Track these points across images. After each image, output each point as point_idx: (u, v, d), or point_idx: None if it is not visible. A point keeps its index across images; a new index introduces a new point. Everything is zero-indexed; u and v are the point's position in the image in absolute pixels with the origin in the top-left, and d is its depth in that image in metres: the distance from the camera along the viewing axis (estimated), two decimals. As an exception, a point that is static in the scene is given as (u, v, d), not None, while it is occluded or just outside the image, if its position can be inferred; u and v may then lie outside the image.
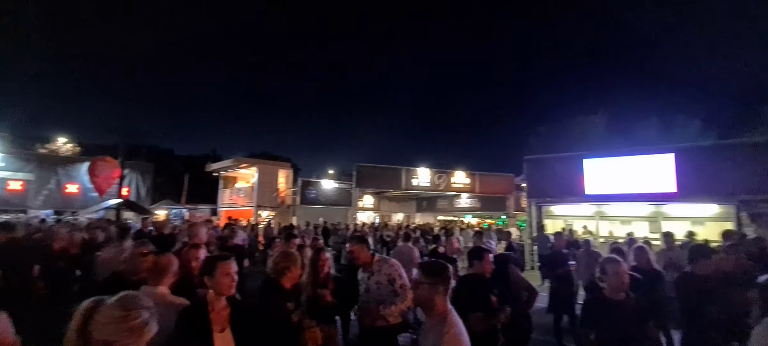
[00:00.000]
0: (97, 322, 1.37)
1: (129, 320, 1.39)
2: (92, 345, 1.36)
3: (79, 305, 1.45)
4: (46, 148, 22.51)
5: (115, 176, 15.33)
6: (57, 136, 23.27)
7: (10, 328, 2.35)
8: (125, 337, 1.37)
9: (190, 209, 20.45)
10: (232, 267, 2.40)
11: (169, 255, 2.94)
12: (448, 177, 20.45)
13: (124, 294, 1.48)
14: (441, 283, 2.14)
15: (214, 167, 21.03)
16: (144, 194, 19.86)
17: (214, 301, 2.31)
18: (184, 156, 31.95)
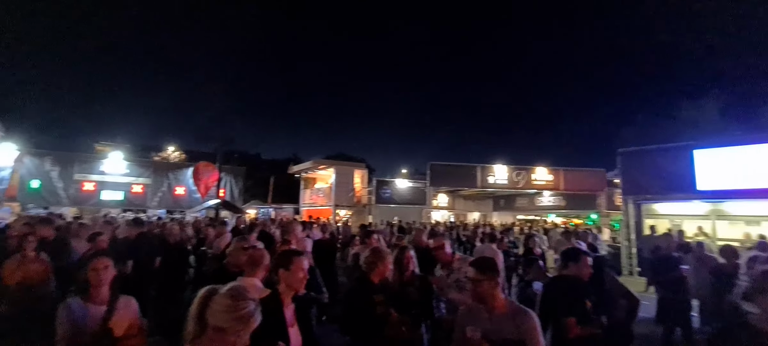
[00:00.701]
0: (212, 309, 1.47)
1: (238, 309, 1.46)
2: (208, 330, 1.46)
3: (196, 293, 1.56)
4: (159, 156, 26.12)
5: (214, 179, 17.18)
6: (167, 146, 27.12)
7: (138, 312, 2.73)
8: (235, 325, 1.45)
9: (275, 208, 22.13)
10: (306, 263, 2.43)
11: (262, 250, 3.15)
12: (527, 174, 19.28)
13: (234, 285, 1.56)
14: (498, 277, 2.32)
15: (296, 169, 22.49)
16: (237, 195, 21.94)
17: (284, 295, 2.32)
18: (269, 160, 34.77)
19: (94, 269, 2.42)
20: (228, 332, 1.44)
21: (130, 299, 2.58)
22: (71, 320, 2.27)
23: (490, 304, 2.28)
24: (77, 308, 2.32)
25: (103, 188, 18.63)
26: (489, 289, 2.27)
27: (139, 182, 19.47)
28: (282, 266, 2.37)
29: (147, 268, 5.97)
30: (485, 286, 2.27)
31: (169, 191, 20.07)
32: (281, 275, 2.36)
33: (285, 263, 2.36)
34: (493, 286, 2.28)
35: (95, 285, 2.42)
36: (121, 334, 2.36)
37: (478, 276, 2.29)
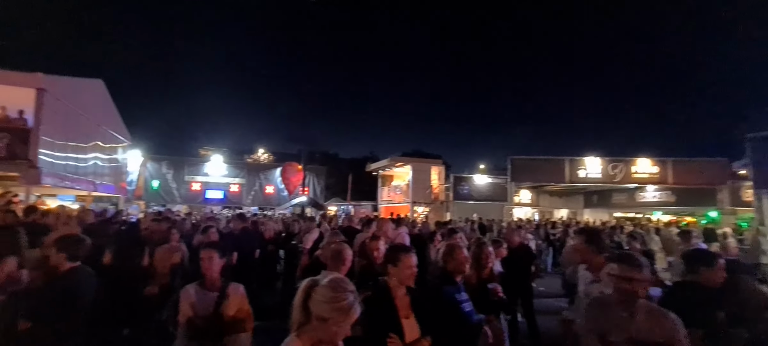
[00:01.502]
0: (314, 300, 1.53)
1: (338, 301, 1.51)
2: (312, 319, 1.52)
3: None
4: (252, 158, 28.74)
5: (299, 178, 18.38)
6: (258, 148, 29.86)
7: (246, 298, 2.98)
8: (336, 315, 1.50)
9: (354, 205, 22.90)
10: (414, 259, 2.48)
11: (343, 245, 3.29)
12: (626, 166, 17.26)
13: (334, 277, 1.61)
14: (647, 274, 2.17)
15: (373, 167, 23.05)
16: (319, 193, 23.20)
17: (396, 288, 2.40)
18: (348, 159, 36.23)
19: (203, 259, 2.73)
20: (329, 322, 1.49)
21: (238, 286, 2.83)
22: (189, 302, 2.61)
23: (633, 305, 2.09)
24: (194, 292, 2.66)
25: (207, 188, 21.13)
26: (636, 287, 2.09)
27: (236, 182, 21.68)
28: (390, 261, 2.47)
29: (248, 259, 6.51)
30: (633, 285, 2.08)
31: (260, 189, 21.98)
32: (390, 270, 2.45)
33: (393, 259, 2.45)
34: (642, 285, 2.10)
35: (206, 273, 2.71)
36: (230, 317, 2.63)
37: (627, 273, 2.10)
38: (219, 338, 2.55)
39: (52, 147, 10.04)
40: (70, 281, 3.02)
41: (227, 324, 2.58)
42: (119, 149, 15.40)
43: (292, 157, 24.71)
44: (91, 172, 12.64)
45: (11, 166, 9.11)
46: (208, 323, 2.53)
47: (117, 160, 15.26)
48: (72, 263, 3.09)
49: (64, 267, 3.07)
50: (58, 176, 10.34)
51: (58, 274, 3.06)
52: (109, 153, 14.23)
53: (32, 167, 9.17)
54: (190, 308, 2.58)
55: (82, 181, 11.96)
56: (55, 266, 3.07)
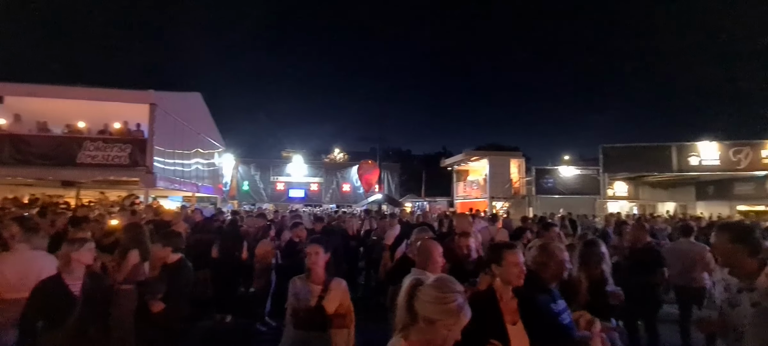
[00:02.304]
0: (420, 300, 1.47)
1: (446, 301, 1.44)
2: (419, 320, 1.47)
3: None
4: (328, 158, 29.98)
5: (375, 176, 18.65)
6: (334, 148, 31.14)
7: (348, 293, 2.93)
8: (444, 317, 1.44)
9: (429, 201, 22.65)
10: (520, 256, 2.21)
11: (431, 242, 3.13)
12: (753, 150, 14.54)
13: (440, 277, 1.56)
14: None
15: (447, 162, 22.55)
16: (393, 190, 23.36)
17: (501, 290, 2.16)
18: (420, 155, 36.07)
19: (309, 253, 2.81)
20: (438, 325, 1.44)
21: (341, 281, 2.91)
22: (295, 293, 2.75)
23: None
24: (300, 285, 2.79)
25: (290, 187, 22.53)
26: None
27: (315, 181, 22.82)
28: (493, 260, 2.24)
29: (332, 255, 6.62)
30: None
31: (337, 187, 22.82)
32: (494, 270, 2.23)
33: (496, 258, 2.23)
34: None
35: (312, 267, 2.80)
36: (332, 311, 2.70)
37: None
38: (322, 329, 2.64)
39: (163, 154, 11.37)
40: (178, 271, 3.42)
41: (330, 317, 2.67)
42: (215, 154, 17.05)
43: (366, 156, 25.25)
44: (194, 175, 14.15)
45: (133, 172, 10.51)
46: (312, 315, 2.62)
47: (214, 164, 16.92)
48: (176, 255, 3.50)
49: (171, 259, 3.46)
50: (168, 179, 11.71)
51: (167, 264, 3.47)
52: (207, 158, 15.82)
53: (149, 173, 10.47)
54: (295, 299, 2.72)
55: (187, 183, 13.43)
56: (162, 258, 3.48)
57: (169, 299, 3.23)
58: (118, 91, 10.88)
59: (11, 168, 9.90)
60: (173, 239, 3.55)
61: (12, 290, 3.22)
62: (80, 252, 3.01)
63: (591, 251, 3.20)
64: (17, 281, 3.20)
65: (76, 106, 11.02)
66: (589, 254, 3.18)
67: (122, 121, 11.38)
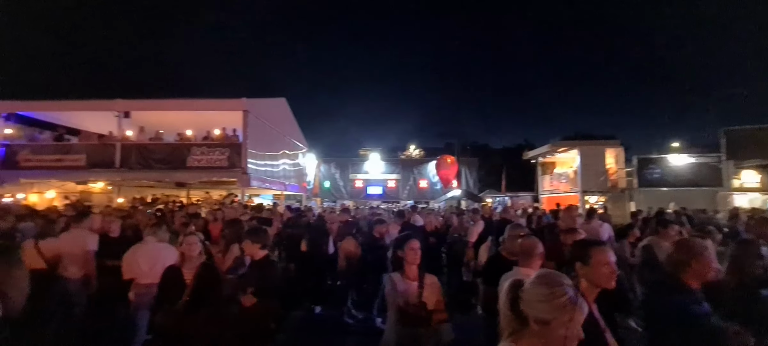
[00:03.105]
0: (527, 301, 1.36)
1: (556, 297, 1.33)
2: (530, 323, 1.36)
3: (504, 285, 1.47)
4: (405, 154, 30.13)
5: (453, 171, 18.23)
6: (409, 145, 31.19)
7: (441, 290, 2.81)
8: (558, 315, 1.32)
9: (511, 196, 21.47)
10: (610, 255, 1.99)
11: (534, 239, 2.96)
12: None
13: (545, 272, 1.44)
14: None
15: (531, 155, 21.12)
16: (472, 185, 22.64)
17: (588, 292, 1.95)
18: (499, 149, 34.47)
19: (411, 249, 2.78)
20: (553, 325, 1.31)
21: (433, 276, 2.88)
22: (396, 290, 2.72)
23: None
24: (398, 281, 2.76)
25: (368, 184, 23.10)
26: None
27: (392, 178, 23.10)
28: (579, 258, 2.03)
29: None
30: None
31: (414, 184, 22.81)
32: (579, 269, 2.02)
33: (582, 256, 2.02)
34: None
35: (409, 263, 2.77)
36: (431, 307, 2.69)
37: None
38: (427, 325, 2.63)
39: (255, 156, 12.38)
40: (265, 267, 3.50)
41: (431, 312, 2.67)
42: (299, 155, 18.15)
43: (442, 151, 24.83)
44: (281, 175, 15.21)
45: (230, 173, 11.62)
46: (417, 311, 2.62)
47: (299, 164, 18.03)
48: (263, 251, 3.55)
49: (258, 256, 3.52)
50: (260, 179, 12.74)
51: (255, 261, 3.52)
52: (292, 159, 16.91)
53: (244, 173, 11.50)
54: (398, 296, 2.70)
55: (276, 182, 14.49)
56: (251, 254, 3.51)
57: (259, 295, 3.38)
58: (217, 101, 12.12)
59: (137, 172, 11.62)
60: (261, 236, 3.60)
61: (144, 276, 3.74)
62: (189, 245, 3.35)
63: (747, 251, 2.70)
64: (148, 269, 3.68)
65: (185, 117, 12.53)
66: (745, 254, 2.69)
67: (221, 128, 12.66)
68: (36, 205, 10.74)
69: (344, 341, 5.44)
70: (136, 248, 4.04)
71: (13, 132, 12.36)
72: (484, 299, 3.55)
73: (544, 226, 6.71)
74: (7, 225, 5.59)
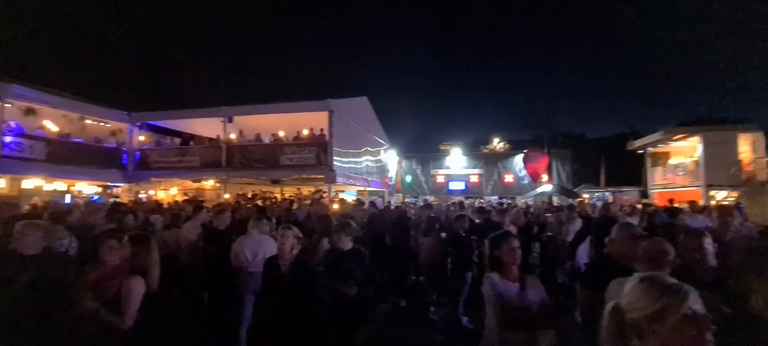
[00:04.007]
0: (634, 319, 1.16)
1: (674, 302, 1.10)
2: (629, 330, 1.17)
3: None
4: (487, 148, 28.85)
5: (543, 165, 16.94)
6: (493, 138, 29.70)
7: (545, 293, 2.60)
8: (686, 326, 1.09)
9: (613, 191, 19.23)
10: None
11: (661, 242, 2.61)
12: None
13: (647, 275, 1.24)
14: None
15: (638, 145, 18.61)
16: (565, 179, 20.81)
17: None
18: (595, 139, 31.04)
19: (510, 249, 2.59)
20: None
21: (535, 278, 2.69)
22: (494, 290, 2.53)
23: None
24: (497, 282, 2.57)
25: (450, 180, 22.66)
26: None
27: (475, 173, 22.35)
28: (753, 270, 1.71)
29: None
30: None
31: (499, 179, 21.77)
32: (754, 283, 1.69)
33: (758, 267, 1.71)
34: None
35: (508, 263, 2.59)
36: (535, 311, 2.49)
37: None
38: (532, 330, 2.44)
39: (340, 154, 12.92)
40: (355, 257, 3.66)
41: (536, 316, 2.47)
42: (381, 151, 18.51)
43: (529, 144, 23.20)
44: (364, 171, 15.67)
45: (318, 170, 12.30)
46: (521, 314, 2.44)
47: (380, 160, 18.41)
48: (351, 243, 3.74)
49: (347, 247, 3.72)
50: (345, 175, 13.27)
51: (345, 252, 3.71)
52: (374, 155, 17.31)
53: (330, 171, 12.08)
54: (500, 298, 2.52)
55: (360, 179, 14.98)
56: (341, 245, 3.72)
57: (354, 284, 3.49)
58: (305, 103, 12.89)
59: (239, 171, 12.96)
60: (350, 229, 3.81)
61: (249, 265, 4.12)
62: (284, 238, 3.54)
63: None
64: (253, 258, 4.04)
65: (278, 119, 13.59)
66: None
67: (309, 128, 13.46)
68: (162, 200, 12.63)
69: (429, 337, 5.36)
70: (241, 240, 4.49)
71: (145, 138, 14.69)
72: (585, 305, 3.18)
73: (657, 225, 5.82)
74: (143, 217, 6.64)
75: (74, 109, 13.19)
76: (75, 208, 7.99)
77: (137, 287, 2.51)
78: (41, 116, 12.49)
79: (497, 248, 2.64)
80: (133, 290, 2.48)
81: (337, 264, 3.60)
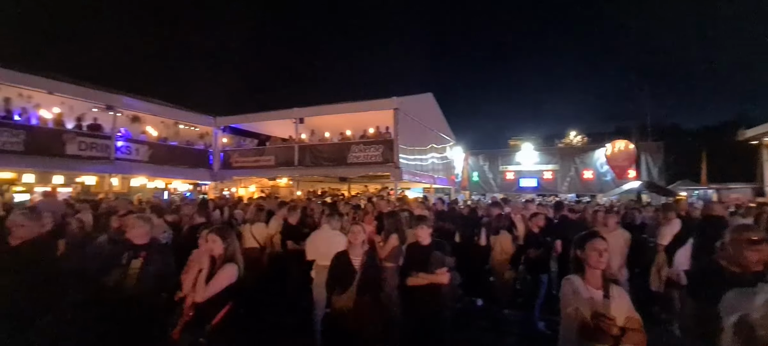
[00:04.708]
0: None
1: None
2: None
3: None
4: (562, 142, 26.86)
5: (630, 158, 15.33)
6: (569, 131, 27.55)
7: (631, 305, 2.37)
8: None
9: (717, 188, 16.75)
10: None
11: None
12: None
13: None
14: None
15: (750, 135, 15.93)
16: (656, 175, 18.59)
17: None
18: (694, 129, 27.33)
19: (594, 250, 2.26)
20: None
21: (622, 290, 2.31)
22: (575, 295, 2.23)
23: None
24: (580, 286, 2.27)
25: (521, 176, 21.52)
26: None
27: (549, 169, 20.94)
28: None
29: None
30: None
31: (576, 175, 20.15)
32: None
33: None
34: None
35: (592, 266, 2.25)
36: (622, 324, 2.11)
37: None
38: (616, 344, 2.06)
39: (405, 152, 12.93)
40: (438, 248, 3.76)
41: (624, 330, 2.07)
42: (447, 148, 18.18)
43: (612, 136, 21.10)
44: (430, 168, 15.52)
45: (384, 168, 12.43)
46: (607, 327, 2.06)
47: (446, 157, 18.09)
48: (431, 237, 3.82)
49: (426, 241, 3.79)
50: (411, 173, 13.25)
51: (424, 245, 3.78)
52: (440, 152, 17.05)
53: (396, 168, 12.14)
54: (573, 300, 2.22)
55: (426, 176, 14.86)
56: (420, 238, 3.78)
57: None
58: (370, 102, 13.09)
59: (310, 169, 13.59)
60: (429, 221, 3.91)
61: (322, 258, 4.29)
62: (355, 233, 3.63)
63: None
64: (324, 251, 4.19)
65: (345, 119, 13.99)
66: None
67: (375, 126, 13.65)
68: (242, 197, 13.73)
69: (503, 340, 5.13)
70: (315, 234, 4.71)
71: (227, 140, 16.09)
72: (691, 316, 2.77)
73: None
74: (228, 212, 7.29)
75: (170, 115, 14.94)
76: (172, 203, 9.00)
77: (228, 273, 2.80)
78: (144, 123, 14.29)
79: (581, 248, 2.34)
80: (224, 274, 2.77)
81: (422, 256, 3.64)
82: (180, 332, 2.69)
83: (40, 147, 10.44)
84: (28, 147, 10.19)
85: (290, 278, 5.34)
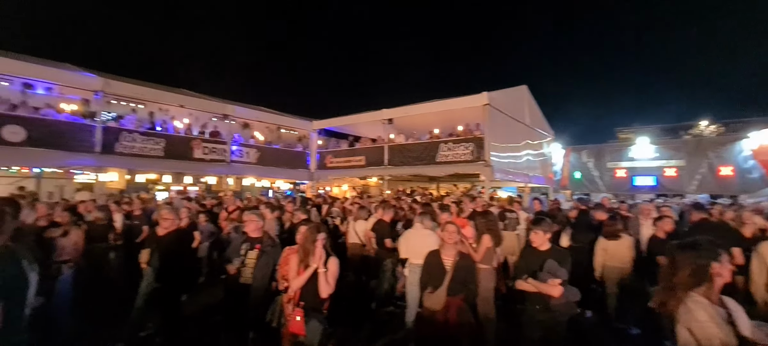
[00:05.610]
0: None
1: None
2: None
3: None
4: (690, 133, 22.83)
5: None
6: (699, 121, 23.13)
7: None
8: None
9: None
10: None
11: None
12: None
13: None
14: None
15: None
16: (827, 171, 14.71)
17: None
18: None
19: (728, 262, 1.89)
20: None
21: (737, 306, 1.86)
22: (714, 318, 1.78)
23: None
24: (707, 305, 1.84)
25: (634, 174, 18.87)
26: None
27: (672, 165, 17.95)
28: None
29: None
30: None
31: (710, 172, 16.95)
32: None
33: None
34: None
35: (719, 279, 1.88)
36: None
37: None
38: None
39: (497, 149, 12.28)
40: (557, 255, 3.50)
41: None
42: (544, 144, 16.83)
43: (759, 124, 17.31)
44: (524, 166, 14.52)
45: (474, 166, 11.98)
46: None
47: (543, 154, 16.75)
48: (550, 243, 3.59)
49: (542, 246, 3.58)
50: (503, 171, 12.56)
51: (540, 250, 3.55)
52: (536, 149, 15.85)
53: (487, 166, 11.61)
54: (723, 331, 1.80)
55: (520, 174, 13.94)
56: (538, 244, 3.58)
57: None
58: (459, 99, 12.72)
59: (398, 168, 13.76)
60: (546, 224, 3.64)
61: (415, 256, 4.31)
62: (448, 233, 3.54)
63: None
64: (418, 249, 4.21)
65: (433, 117, 13.84)
66: None
67: (464, 124, 13.25)
68: (336, 195, 14.53)
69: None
70: (408, 233, 4.77)
71: (322, 142, 17.22)
72: None
73: None
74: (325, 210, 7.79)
75: (274, 120, 16.54)
76: (277, 201, 9.92)
77: (336, 264, 3.15)
78: (252, 128, 16.03)
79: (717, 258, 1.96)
80: (334, 266, 3.12)
81: (536, 262, 3.44)
82: (303, 322, 2.94)
83: (175, 152, 12.43)
84: (166, 152, 12.20)
85: (383, 273, 5.51)
